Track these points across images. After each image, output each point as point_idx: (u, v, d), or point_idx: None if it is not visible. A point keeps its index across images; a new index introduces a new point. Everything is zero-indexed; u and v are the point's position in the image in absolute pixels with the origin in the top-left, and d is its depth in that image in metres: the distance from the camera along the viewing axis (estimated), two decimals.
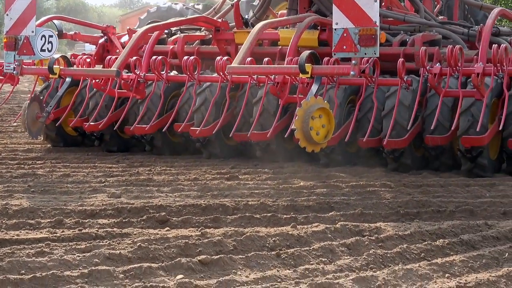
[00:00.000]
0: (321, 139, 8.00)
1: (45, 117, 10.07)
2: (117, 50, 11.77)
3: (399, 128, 9.04)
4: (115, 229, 6.21)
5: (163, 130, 10.09)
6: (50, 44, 10.54)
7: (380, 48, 8.11)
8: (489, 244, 5.90)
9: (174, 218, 6.61)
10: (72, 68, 10.74)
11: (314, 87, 8.40)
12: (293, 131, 7.93)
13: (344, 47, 7.97)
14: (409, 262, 5.42)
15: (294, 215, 6.76)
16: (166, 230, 6.23)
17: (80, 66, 10.69)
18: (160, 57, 10.01)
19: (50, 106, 10.24)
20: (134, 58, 10.12)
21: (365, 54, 7.95)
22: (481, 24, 10.07)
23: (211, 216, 6.67)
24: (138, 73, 10.02)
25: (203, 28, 11.91)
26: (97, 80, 10.16)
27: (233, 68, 9.21)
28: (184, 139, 10.29)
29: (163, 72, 10.05)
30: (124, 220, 6.55)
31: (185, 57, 9.90)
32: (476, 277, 4.97)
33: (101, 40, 11.98)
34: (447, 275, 5.11)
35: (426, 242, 5.84)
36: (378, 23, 7.87)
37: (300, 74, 8.37)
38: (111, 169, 9.37)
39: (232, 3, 11.33)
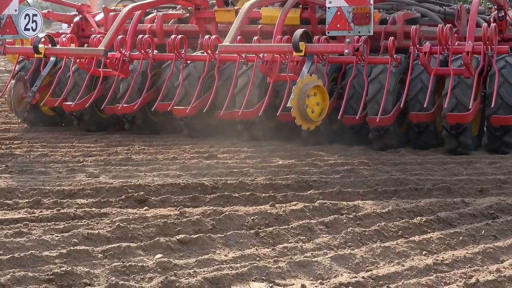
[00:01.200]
0: (316, 117, 8.03)
1: (31, 97, 9.95)
2: (92, 29, 11.71)
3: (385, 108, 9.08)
4: (93, 209, 6.20)
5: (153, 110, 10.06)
6: (34, 23, 10.44)
7: None
8: (466, 221, 5.95)
9: (153, 198, 6.61)
10: (57, 47, 10.65)
11: (307, 66, 8.40)
12: (288, 109, 7.97)
13: (338, 25, 8.03)
14: (387, 240, 5.45)
15: (272, 194, 6.77)
16: (145, 210, 6.23)
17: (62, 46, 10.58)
18: (146, 36, 9.96)
19: (36, 86, 10.09)
20: (120, 37, 10.07)
21: (359, 32, 8.03)
22: (460, 3, 10.09)
23: (190, 195, 6.67)
24: (123, 52, 9.97)
25: (178, 6, 11.83)
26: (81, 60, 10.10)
27: (225, 47, 9.20)
28: (165, 118, 10.28)
29: (149, 51, 10.01)
30: (102, 200, 6.54)
31: (172, 36, 9.84)
32: (453, 254, 5.01)
33: (76, 19, 11.86)
34: (424, 252, 5.15)
35: (404, 220, 5.88)
36: (372, 2, 7.92)
37: (294, 52, 8.41)
38: (89, 148, 9.34)
39: None
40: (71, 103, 10.24)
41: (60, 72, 10.51)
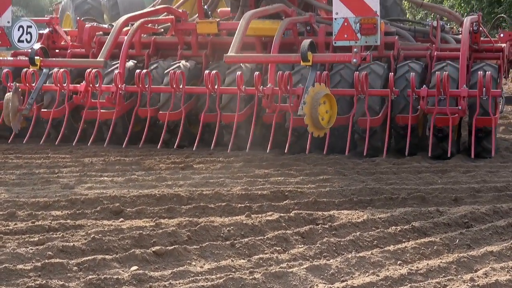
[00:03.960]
0: (326, 124, 8.39)
1: (28, 109, 9.90)
2: (63, 42, 11.78)
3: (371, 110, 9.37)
4: (68, 220, 6.17)
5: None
6: (29, 34, 10.46)
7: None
8: (440, 230, 5.99)
9: (128, 209, 6.58)
10: (54, 59, 10.70)
11: (312, 75, 8.69)
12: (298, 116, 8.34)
13: (345, 35, 8.27)
14: (362, 249, 5.48)
15: (248, 204, 6.78)
16: (120, 221, 6.20)
17: None
18: (144, 70, 9.97)
19: (32, 98, 10.01)
20: (116, 72, 10.05)
21: (366, 42, 8.28)
22: (432, 21, 10.94)
23: (166, 207, 6.66)
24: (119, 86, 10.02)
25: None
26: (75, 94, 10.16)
27: (231, 57, 9.31)
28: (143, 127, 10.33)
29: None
30: (77, 212, 6.51)
31: (172, 71, 9.88)
32: (427, 264, 5.04)
33: (46, 31, 11.83)
34: (399, 262, 5.18)
35: (379, 230, 5.91)
36: (378, 13, 8.15)
37: (302, 62, 8.64)
38: (65, 159, 9.30)
39: None
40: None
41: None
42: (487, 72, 9.14)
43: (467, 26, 10.12)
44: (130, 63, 10.67)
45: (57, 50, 11.73)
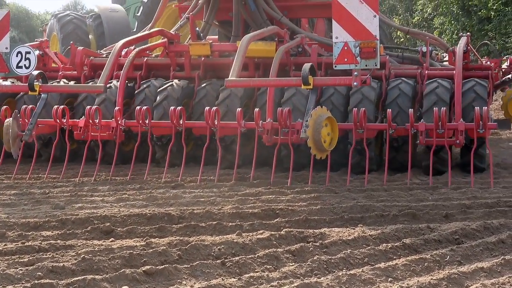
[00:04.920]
0: (328, 146, 8.46)
1: (28, 134, 9.87)
2: (53, 64, 11.85)
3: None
4: (58, 241, 6.14)
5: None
6: (27, 60, 10.48)
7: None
8: (431, 247, 5.99)
9: (119, 229, 6.57)
10: (53, 84, 10.72)
11: (312, 98, 8.82)
12: (303, 139, 8.44)
13: (346, 59, 8.35)
14: (353, 267, 5.47)
15: (239, 223, 6.77)
16: (111, 241, 6.18)
17: None
18: (144, 107, 9.94)
19: (31, 124, 9.99)
20: (117, 108, 10.05)
21: (366, 65, 8.36)
22: (421, 46, 11.28)
23: (156, 226, 6.64)
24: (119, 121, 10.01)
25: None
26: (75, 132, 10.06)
27: (232, 81, 9.35)
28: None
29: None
30: (68, 232, 6.49)
31: (172, 108, 9.82)
32: (418, 281, 5.03)
33: (36, 53, 11.88)
34: (390, 279, 5.17)
35: (370, 247, 5.90)
36: (378, 37, 8.25)
37: (302, 85, 8.71)
38: (55, 179, 9.28)
39: (187, 17, 11.51)
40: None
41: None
42: (483, 108, 9.24)
43: (462, 45, 10.29)
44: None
45: (47, 73, 11.75)
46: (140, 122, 9.71)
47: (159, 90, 10.62)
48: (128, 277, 5.05)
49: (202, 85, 10.69)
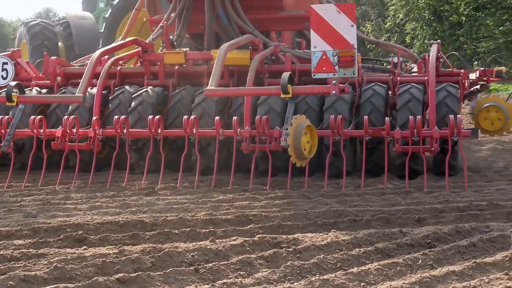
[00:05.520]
0: (307, 154, 8.51)
1: (6, 145, 9.78)
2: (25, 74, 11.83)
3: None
4: (31, 249, 6.09)
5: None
6: (5, 71, 10.43)
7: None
8: (404, 251, 6.03)
9: (92, 236, 6.54)
10: (31, 95, 10.75)
11: (291, 107, 8.93)
12: (283, 147, 8.51)
13: (324, 68, 8.46)
14: (326, 272, 5.48)
15: (213, 229, 6.77)
16: (84, 249, 6.15)
17: None
18: (124, 117, 9.90)
19: (9, 135, 9.89)
20: (94, 118, 9.99)
21: (344, 74, 8.47)
22: (392, 57, 11.67)
23: (130, 233, 6.62)
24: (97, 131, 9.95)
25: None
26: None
27: (211, 91, 9.36)
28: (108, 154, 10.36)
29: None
30: (40, 240, 6.44)
31: (150, 117, 9.84)
32: (391, 285, 5.06)
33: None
34: (362, 284, 5.19)
35: (343, 252, 5.92)
36: (355, 46, 8.38)
37: (282, 94, 8.79)
38: (28, 187, 9.22)
39: (162, 25, 11.56)
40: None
41: None
42: (458, 116, 9.42)
43: (434, 52, 10.44)
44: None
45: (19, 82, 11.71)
46: (118, 131, 9.72)
47: (134, 95, 10.67)
48: (101, 285, 5.02)
49: (177, 90, 10.75)
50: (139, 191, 8.83)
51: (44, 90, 11.39)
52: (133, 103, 10.57)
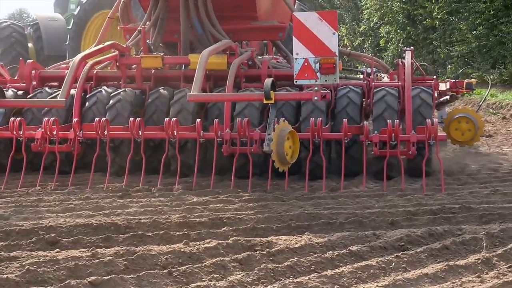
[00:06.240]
0: (290, 159, 8.67)
1: None
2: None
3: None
4: (2, 252, 6.04)
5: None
6: None
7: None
8: (377, 254, 6.05)
9: (64, 239, 6.49)
10: (13, 99, 10.73)
11: (273, 112, 8.99)
12: (266, 152, 8.67)
13: (306, 75, 8.64)
14: (300, 275, 5.49)
15: (186, 232, 6.75)
16: (56, 252, 6.10)
17: None
18: (104, 118, 9.86)
19: None
20: (75, 120, 10.01)
21: (326, 81, 8.67)
22: (365, 68, 11.88)
23: (103, 236, 6.59)
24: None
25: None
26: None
27: (194, 96, 9.42)
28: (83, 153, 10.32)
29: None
30: (12, 243, 6.39)
31: (131, 119, 9.80)
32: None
33: None
34: (336, 286, 5.20)
35: (316, 255, 5.93)
36: (337, 53, 8.57)
37: (264, 100, 8.92)
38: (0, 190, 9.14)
39: (139, 30, 11.55)
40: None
41: None
42: (434, 120, 9.54)
43: (409, 57, 10.61)
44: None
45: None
46: (99, 132, 9.72)
47: (112, 94, 10.70)
48: None
49: (151, 95, 10.74)
50: (112, 194, 8.79)
51: (20, 92, 11.33)
52: (111, 101, 10.57)
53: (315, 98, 8.75)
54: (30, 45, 21.79)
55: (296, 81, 8.77)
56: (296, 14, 8.81)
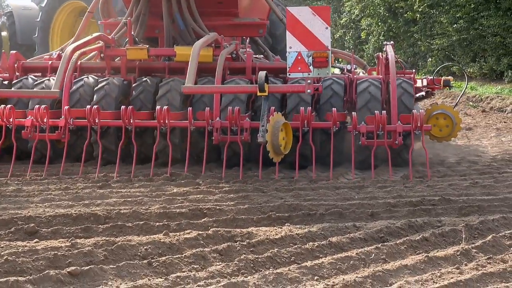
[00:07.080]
0: (283, 150, 8.86)
1: None
2: None
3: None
4: None
5: None
6: None
7: None
8: (357, 245, 6.06)
9: (43, 229, 6.45)
10: (7, 89, 10.75)
11: (265, 104, 9.12)
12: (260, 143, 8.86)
13: (299, 68, 8.87)
14: (280, 266, 5.49)
15: (166, 223, 6.73)
16: (35, 242, 6.06)
17: None
18: (95, 106, 9.88)
19: None
20: (66, 107, 10.03)
21: (318, 74, 8.92)
22: (345, 65, 12.17)
23: (82, 226, 6.55)
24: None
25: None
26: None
27: (189, 88, 9.48)
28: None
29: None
30: None
31: (123, 107, 9.80)
32: (343, 279, 5.09)
33: None
34: (316, 277, 5.21)
35: (297, 246, 5.94)
36: (330, 47, 8.79)
37: (258, 92, 9.06)
38: None
39: (125, 22, 11.52)
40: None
41: None
42: (420, 110, 9.77)
43: (392, 52, 10.70)
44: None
45: None
46: (91, 120, 9.76)
47: (99, 80, 10.81)
48: (53, 278, 4.97)
49: (137, 85, 10.80)
50: (92, 184, 8.75)
51: (5, 82, 11.31)
52: (99, 85, 10.65)
53: (308, 91, 8.92)
54: (4, 33, 21.68)
55: (289, 74, 8.94)
56: (290, 8, 8.99)
